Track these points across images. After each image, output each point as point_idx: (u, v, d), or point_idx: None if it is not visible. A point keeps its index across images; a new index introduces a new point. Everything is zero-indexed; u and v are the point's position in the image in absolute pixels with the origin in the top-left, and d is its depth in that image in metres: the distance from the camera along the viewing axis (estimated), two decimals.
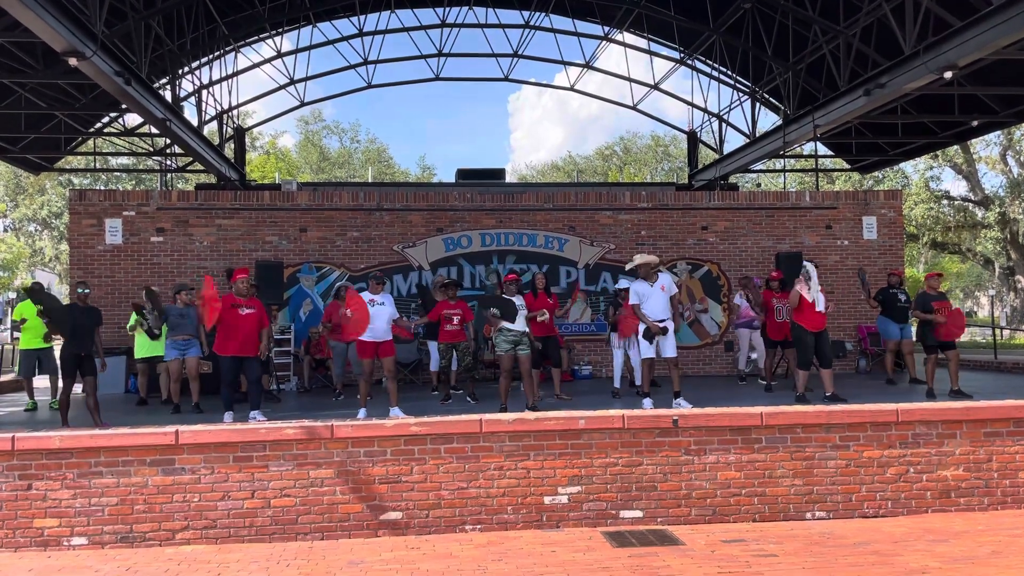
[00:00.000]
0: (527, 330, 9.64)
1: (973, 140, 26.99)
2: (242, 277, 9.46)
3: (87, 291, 9.61)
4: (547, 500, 6.78)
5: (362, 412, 9.13)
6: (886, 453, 7.01)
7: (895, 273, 12.72)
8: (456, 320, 10.79)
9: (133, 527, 6.43)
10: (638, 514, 6.83)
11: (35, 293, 10.30)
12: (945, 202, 32.33)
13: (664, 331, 9.43)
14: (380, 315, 9.53)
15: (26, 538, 6.37)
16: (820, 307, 9.90)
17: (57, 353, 12.24)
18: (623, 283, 12.05)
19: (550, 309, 10.74)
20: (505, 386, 9.67)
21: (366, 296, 9.62)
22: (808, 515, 6.92)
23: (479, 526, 6.71)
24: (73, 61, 9.86)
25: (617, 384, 11.48)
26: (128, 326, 11.49)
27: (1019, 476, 7.11)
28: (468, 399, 10.76)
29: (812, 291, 9.95)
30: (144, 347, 11.27)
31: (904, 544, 6.08)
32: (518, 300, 9.69)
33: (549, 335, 10.82)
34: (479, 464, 6.75)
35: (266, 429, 6.64)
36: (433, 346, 11.60)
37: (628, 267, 9.86)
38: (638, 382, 11.50)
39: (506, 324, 9.58)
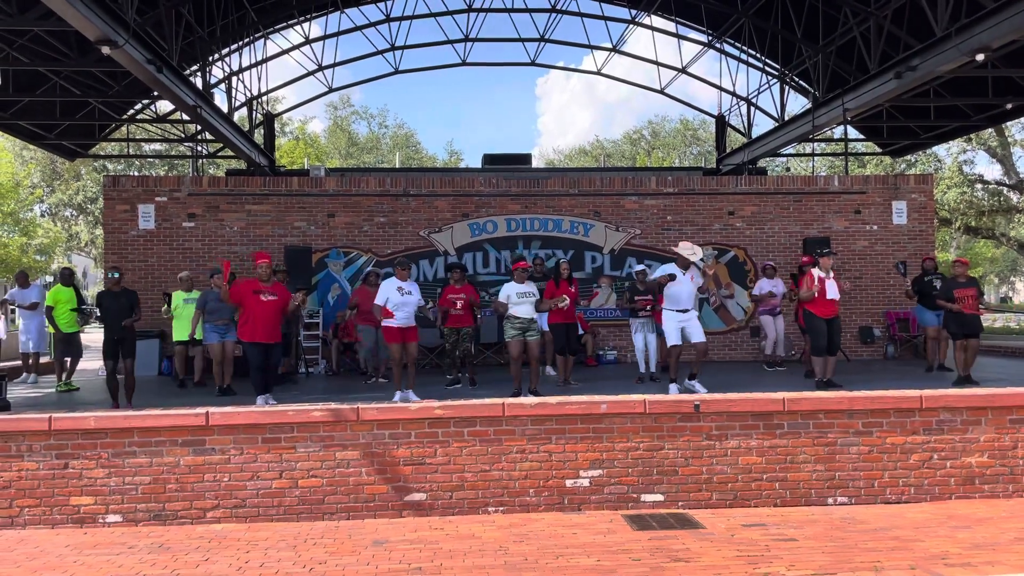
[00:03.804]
0: (534, 317, 9.74)
1: (1008, 123, 26.52)
2: (263, 262, 9.50)
3: (116, 276, 9.79)
4: (569, 483, 6.86)
5: (398, 395, 9.29)
6: (910, 439, 6.99)
7: (929, 259, 12.58)
8: (459, 304, 10.85)
9: (165, 505, 6.62)
10: (659, 498, 6.89)
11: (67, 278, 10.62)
12: (979, 186, 31.76)
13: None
14: (408, 303, 9.68)
15: (63, 515, 6.58)
16: (832, 295, 9.92)
17: (82, 338, 12.66)
18: (639, 266, 12.09)
19: (572, 297, 10.81)
20: (516, 371, 9.77)
21: (394, 283, 9.74)
22: (830, 500, 6.93)
23: (502, 508, 6.81)
24: (106, 49, 10.05)
25: (642, 369, 11.50)
26: (163, 310, 11.75)
27: None
28: (468, 384, 10.92)
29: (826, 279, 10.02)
30: (182, 330, 11.50)
31: (925, 530, 6.08)
32: (530, 287, 9.78)
33: (569, 322, 10.91)
34: (502, 447, 6.84)
35: (294, 411, 6.78)
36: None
37: (681, 251, 9.96)
38: (652, 368, 11.52)
39: (512, 311, 9.71)
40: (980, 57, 11.00)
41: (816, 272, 10.00)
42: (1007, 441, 7.05)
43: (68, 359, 11.92)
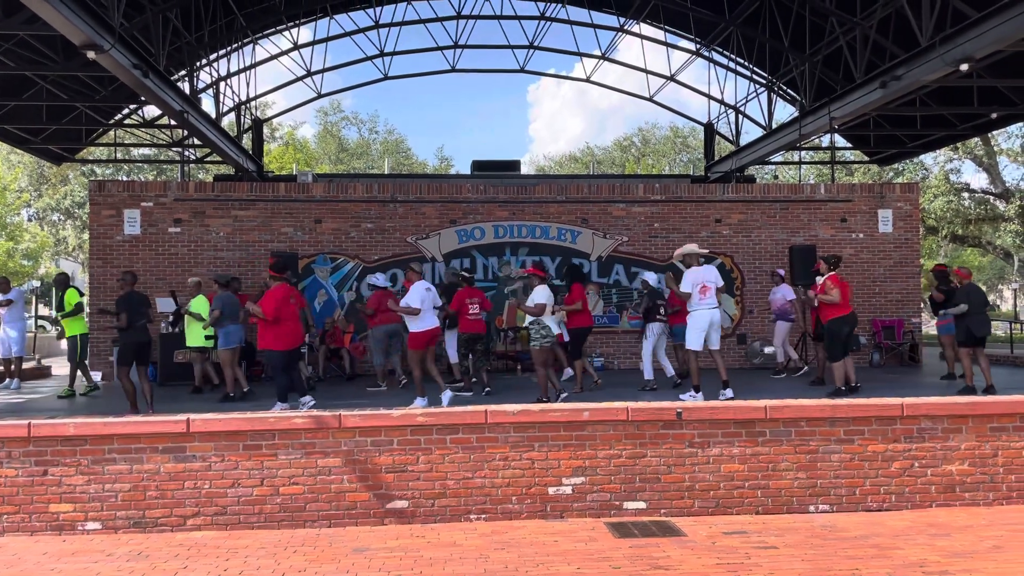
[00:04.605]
0: (528, 324, 9.81)
1: (994, 132, 26.72)
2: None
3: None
4: (551, 490, 6.85)
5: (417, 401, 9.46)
6: (891, 447, 7.02)
7: (940, 269, 12.69)
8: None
9: (145, 513, 6.57)
10: (642, 505, 6.89)
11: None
12: (965, 195, 31.96)
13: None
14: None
15: (42, 522, 6.53)
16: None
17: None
18: (650, 276, 11.96)
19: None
20: (543, 378, 9.84)
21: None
22: (811, 508, 6.95)
23: (484, 515, 6.80)
24: (91, 54, 9.99)
25: (648, 376, 11.50)
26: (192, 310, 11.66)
27: None
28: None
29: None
30: (197, 336, 11.45)
31: (905, 538, 6.10)
32: (532, 294, 9.80)
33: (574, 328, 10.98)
34: (484, 454, 6.83)
35: (275, 418, 6.75)
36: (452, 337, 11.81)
37: (676, 255, 10.14)
38: (648, 375, 11.50)
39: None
40: (964, 67, 11.05)
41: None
42: (987, 449, 7.08)
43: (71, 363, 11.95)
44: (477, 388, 11.02)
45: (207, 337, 11.37)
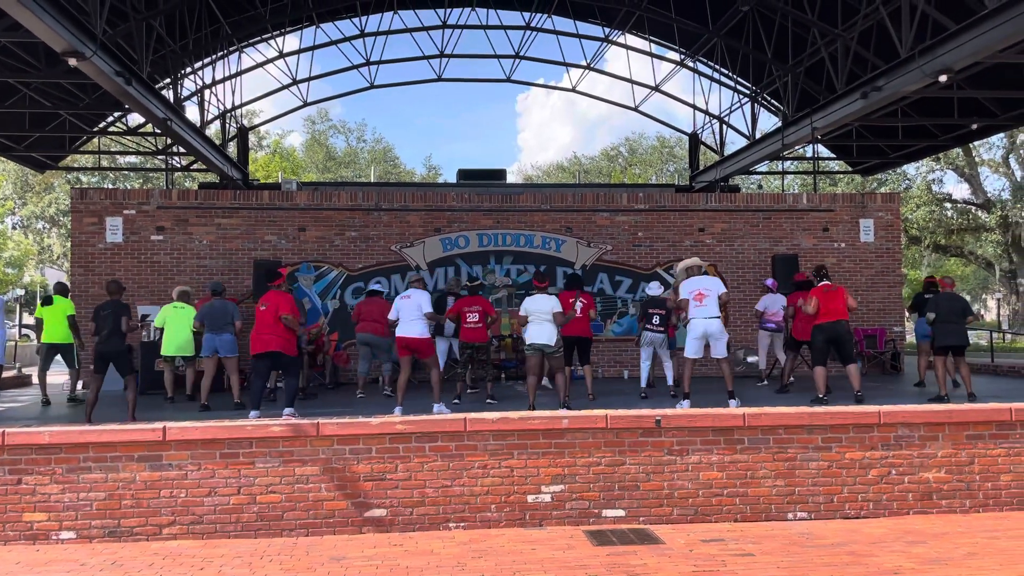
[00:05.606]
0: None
1: (975, 143, 26.99)
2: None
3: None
4: (530, 499, 6.84)
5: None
6: (868, 455, 7.04)
7: (929, 279, 12.91)
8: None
9: (120, 522, 6.52)
10: (621, 513, 6.89)
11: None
12: (947, 205, 32.25)
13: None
14: None
15: (15, 532, 6.46)
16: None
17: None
18: (651, 286, 12.02)
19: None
20: (532, 387, 9.97)
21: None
22: (790, 515, 6.96)
23: (463, 524, 6.78)
24: (73, 61, 9.98)
25: (644, 383, 11.57)
26: (156, 323, 11.64)
27: (1001, 479, 7.13)
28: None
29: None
30: (170, 345, 11.37)
31: (881, 545, 6.12)
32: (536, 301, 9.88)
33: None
34: (463, 462, 6.81)
35: (252, 426, 6.72)
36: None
37: (676, 269, 10.27)
38: (643, 383, 11.64)
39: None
40: (943, 78, 11.19)
41: None
42: (964, 457, 7.12)
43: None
44: (482, 396, 11.08)
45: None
